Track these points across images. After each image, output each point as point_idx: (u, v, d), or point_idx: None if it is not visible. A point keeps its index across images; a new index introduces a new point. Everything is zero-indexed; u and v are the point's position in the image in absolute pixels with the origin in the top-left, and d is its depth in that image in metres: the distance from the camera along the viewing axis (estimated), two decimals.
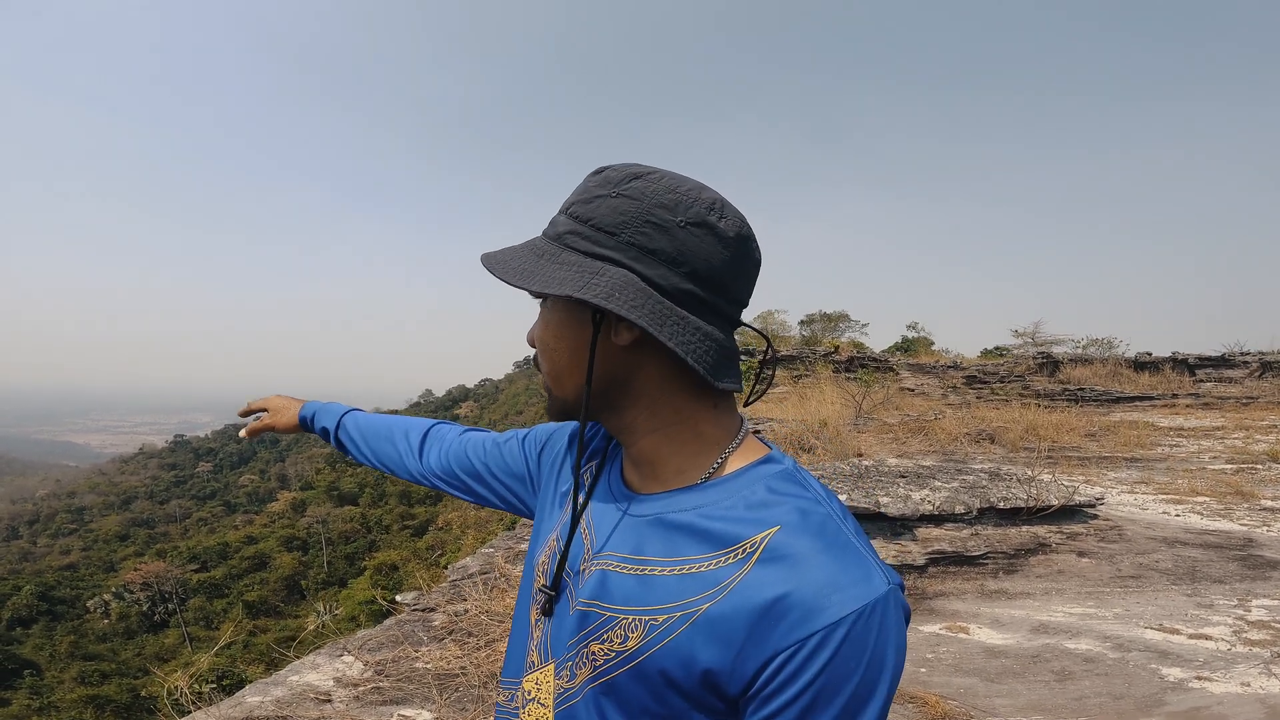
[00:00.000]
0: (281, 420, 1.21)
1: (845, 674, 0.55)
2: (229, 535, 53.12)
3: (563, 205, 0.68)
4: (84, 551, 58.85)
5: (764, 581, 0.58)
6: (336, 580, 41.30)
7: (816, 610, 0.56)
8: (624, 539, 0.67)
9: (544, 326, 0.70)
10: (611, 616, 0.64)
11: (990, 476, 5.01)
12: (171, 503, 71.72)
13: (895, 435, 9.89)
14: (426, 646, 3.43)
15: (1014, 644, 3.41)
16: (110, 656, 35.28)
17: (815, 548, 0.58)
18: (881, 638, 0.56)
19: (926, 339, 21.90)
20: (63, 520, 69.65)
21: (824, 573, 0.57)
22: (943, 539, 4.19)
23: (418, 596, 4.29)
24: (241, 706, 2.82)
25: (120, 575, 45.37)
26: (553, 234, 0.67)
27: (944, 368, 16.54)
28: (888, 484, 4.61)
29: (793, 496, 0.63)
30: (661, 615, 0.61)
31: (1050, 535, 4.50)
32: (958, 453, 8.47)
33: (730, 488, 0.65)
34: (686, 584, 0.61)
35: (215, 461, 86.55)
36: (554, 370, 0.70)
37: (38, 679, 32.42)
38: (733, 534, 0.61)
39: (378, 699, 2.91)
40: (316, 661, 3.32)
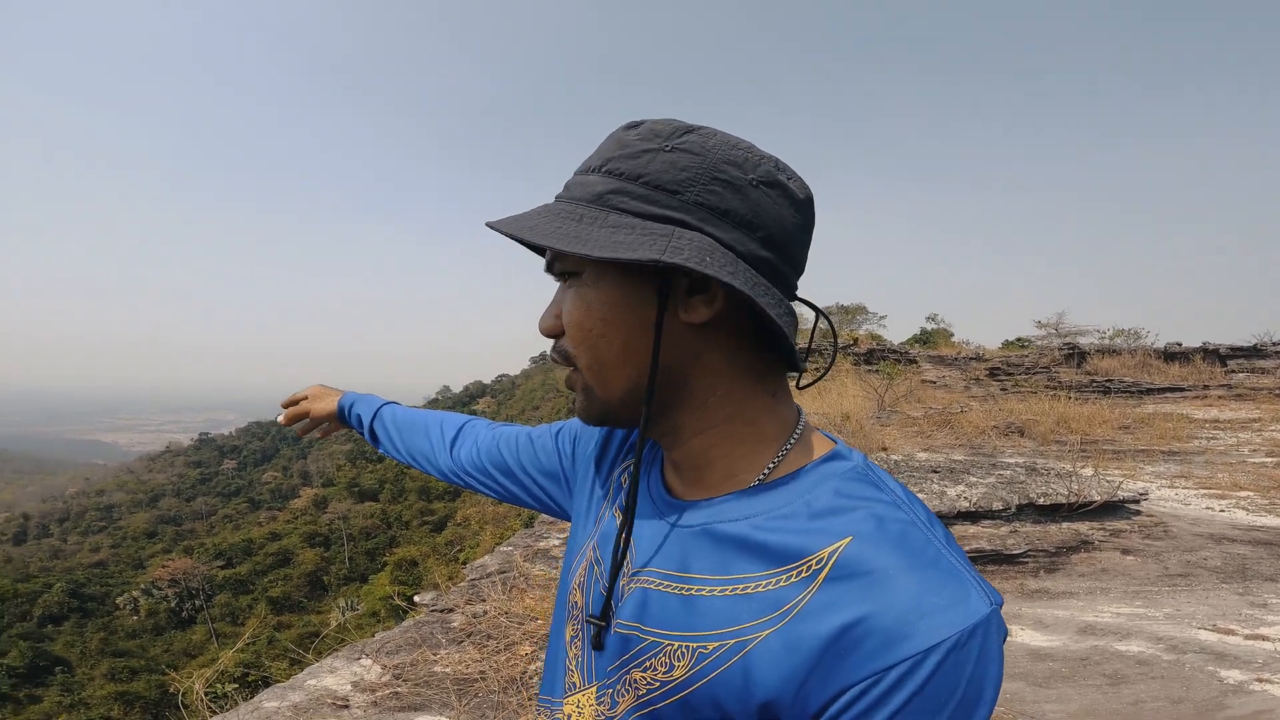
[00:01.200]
0: (319, 407, 1.16)
1: (931, 711, 0.44)
2: (253, 532, 54.00)
3: (588, 165, 0.56)
4: (113, 549, 60.14)
5: (835, 604, 0.47)
6: (358, 576, 41.85)
7: (900, 637, 0.45)
8: (667, 554, 0.57)
9: (584, 308, 0.55)
10: (655, 642, 0.54)
11: (1027, 471, 4.84)
12: (198, 500, 73.05)
13: (920, 429, 9.70)
14: (445, 649, 3.36)
15: (1060, 646, 3.26)
16: (139, 653, 35.93)
17: (898, 563, 0.48)
18: (980, 670, 0.45)
19: (946, 330, 21.58)
20: (92, 518, 71.19)
21: (909, 593, 0.46)
22: (980, 537, 4.04)
23: (436, 597, 4.22)
24: (259, 712, 2.77)
25: (149, 572, 46.31)
26: (585, 195, 0.54)
27: (966, 359, 16.25)
28: (920, 480, 4.46)
29: (867, 500, 0.52)
30: (712, 643, 0.51)
31: (1093, 532, 4.33)
32: (986, 446, 8.27)
33: (790, 491, 0.54)
34: (740, 607, 0.51)
35: (239, 459, 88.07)
36: (598, 362, 0.56)
37: (69, 676, 33.00)
38: (795, 547, 0.51)
39: (395, 704, 2.84)
40: (334, 665, 3.27)
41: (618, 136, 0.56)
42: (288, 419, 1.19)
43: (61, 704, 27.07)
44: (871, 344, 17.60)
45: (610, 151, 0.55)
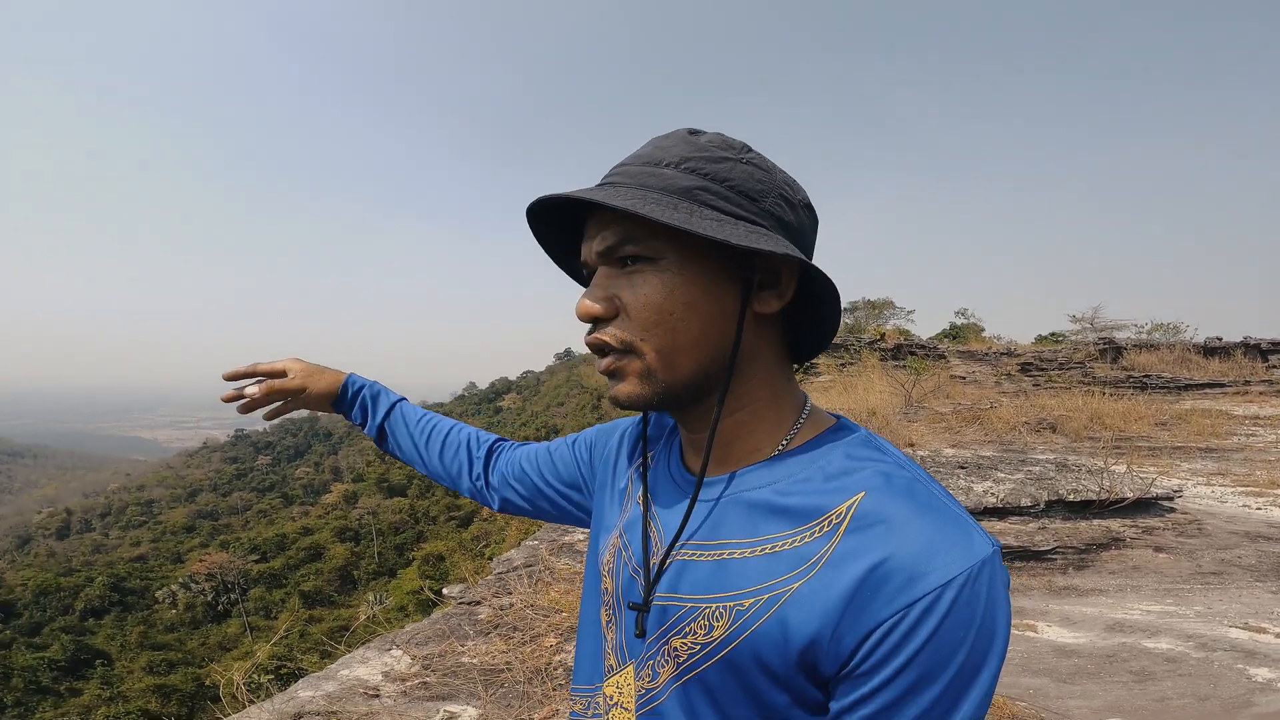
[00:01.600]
0: (317, 384, 1.02)
1: (954, 644, 0.50)
2: (286, 526, 54.84)
3: (658, 159, 0.59)
4: (153, 543, 61.37)
5: (858, 550, 0.53)
6: (386, 570, 42.33)
7: (919, 575, 0.51)
8: (696, 525, 0.63)
9: (666, 293, 0.58)
10: (692, 607, 0.59)
11: (1057, 468, 4.76)
12: (233, 495, 74.51)
13: (948, 424, 9.57)
14: (472, 641, 3.42)
15: (1087, 643, 3.22)
16: (177, 646, 36.47)
17: (908, 511, 0.54)
18: (991, 602, 0.51)
19: (976, 325, 21.19)
20: (133, 513, 72.98)
21: (922, 536, 0.52)
22: (1008, 533, 3.99)
23: (464, 589, 4.30)
24: (294, 701, 2.86)
25: (187, 566, 47.03)
26: (669, 187, 0.57)
27: (997, 354, 15.94)
28: (946, 475, 4.42)
29: (873, 461, 0.58)
30: (748, 600, 0.56)
31: (1124, 529, 4.25)
32: (1017, 442, 8.13)
33: (805, 459, 0.60)
34: (772, 564, 0.56)
35: (273, 455, 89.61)
36: (672, 346, 0.59)
37: (109, 669, 33.51)
38: (815, 506, 0.57)
39: (424, 694, 2.91)
40: (366, 655, 3.35)
41: (686, 139, 0.60)
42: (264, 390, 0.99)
43: (101, 697, 27.44)
44: (899, 339, 17.37)
45: (685, 151, 0.59)
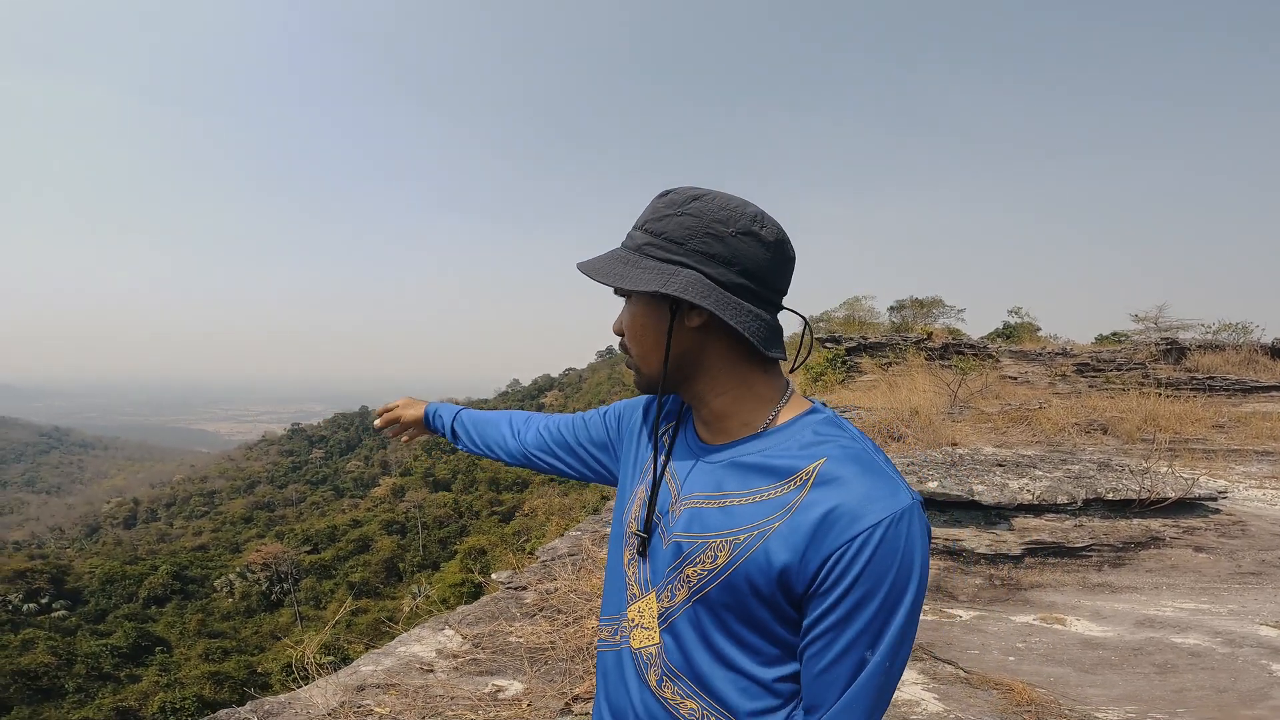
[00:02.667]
0: (409, 414, 1.42)
1: (884, 570, 0.72)
2: (337, 519, 56.08)
3: (637, 222, 0.87)
4: (214, 533, 63.31)
5: (819, 500, 0.75)
6: (430, 563, 42.83)
7: (859, 516, 0.72)
8: (705, 481, 0.86)
9: (631, 317, 0.88)
10: (703, 542, 0.81)
11: (1099, 467, 4.71)
12: (289, 487, 76.76)
13: (994, 425, 9.39)
14: (519, 622, 3.58)
15: (1114, 636, 3.23)
16: (232, 634, 37.33)
17: (855, 471, 0.76)
18: (909, 541, 0.73)
19: (1031, 324, 20.48)
20: (196, 503, 75.81)
21: (863, 489, 0.74)
22: (1042, 529, 3.98)
23: (511, 575, 4.47)
24: (357, 675, 3.05)
25: (244, 556, 48.21)
26: (632, 245, 0.85)
27: (1052, 354, 15.44)
28: (983, 472, 4.42)
29: (834, 436, 0.81)
30: (743, 534, 0.78)
31: (1164, 529, 4.19)
32: (1065, 443, 7.97)
33: (785, 434, 0.83)
34: (761, 508, 0.79)
35: (326, 448, 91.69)
36: (641, 352, 0.88)
37: (167, 656, 34.32)
38: (791, 466, 0.79)
39: (474, 670, 3.07)
40: (421, 634, 3.53)
41: (654, 202, 0.86)
42: (383, 423, 1.43)
43: (158, 683, 27.90)
44: (947, 338, 16.98)
45: (647, 214, 0.86)
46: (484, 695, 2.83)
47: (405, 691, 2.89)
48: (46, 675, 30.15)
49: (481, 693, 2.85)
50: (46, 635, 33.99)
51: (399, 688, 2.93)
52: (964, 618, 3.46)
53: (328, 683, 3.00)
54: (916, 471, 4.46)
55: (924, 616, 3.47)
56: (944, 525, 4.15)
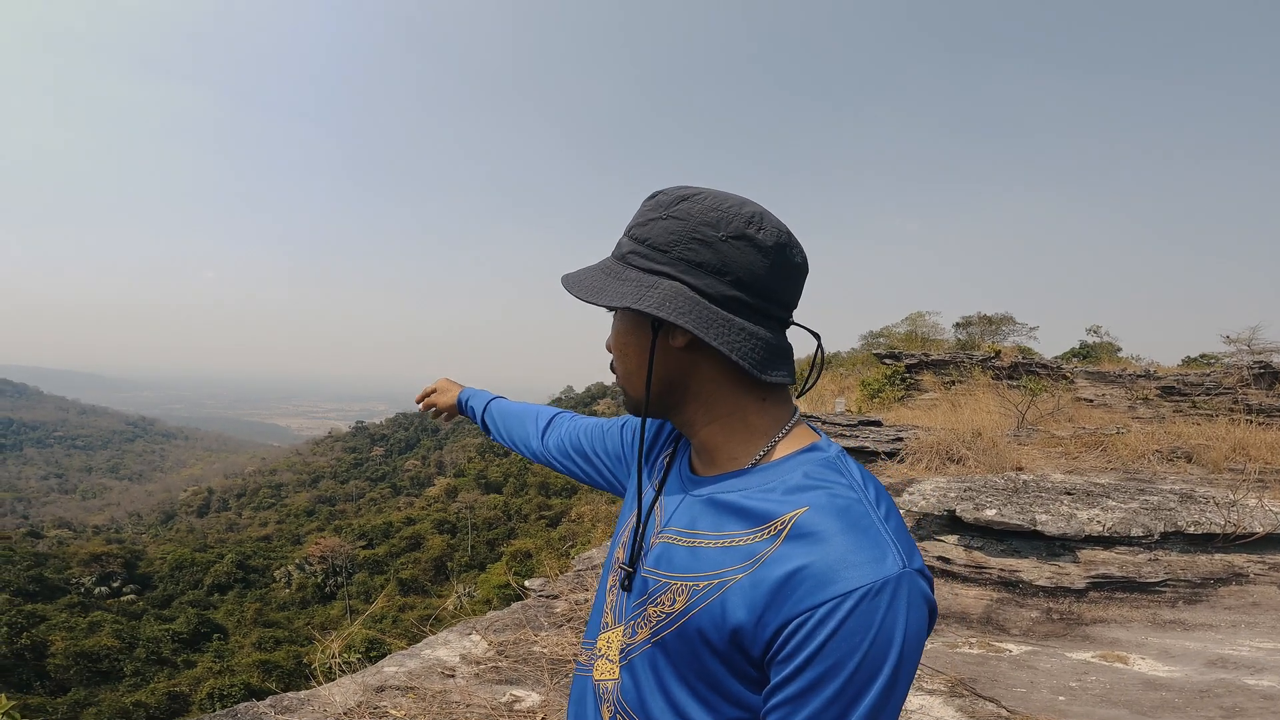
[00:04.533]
0: (444, 399, 1.43)
1: (850, 648, 0.59)
2: (392, 516, 57.61)
3: (626, 227, 0.77)
4: (278, 524, 66.11)
5: (789, 556, 0.64)
6: (477, 564, 43.40)
7: (827, 582, 0.60)
8: (683, 516, 0.76)
9: (614, 335, 0.80)
10: (665, 582, 0.73)
11: (1180, 498, 4.31)
12: (350, 483, 79.53)
13: (1065, 449, 8.84)
14: (545, 631, 3.53)
15: (1180, 677, 2.91)
16: (285, 624, 38.15)
17: (836, 528, 0.64)
18: (890, 617, 0.60)
19: (1111, 344, 19.37)
20: (264, 495, 79.38)
21: (839, 550, 0.62)
22: (1111, 562, 3.66)
23: (544, 584, 4.43)
24: (380, 675, 3.06)
25: (304, 548, 49.91)
26: (618, 254, 0.76)
27: (1133, 376, 14.51)
28: (1049, 501, 4.10)
29: (827, 483, 0.68)
30: (703, 582, 0.69)
31: (1249, 565, 3.80)
32: (1144, 471, 7.42)
33: (774, 472, 0.72)
34: (726, 555, 0.68)
35: (386, 446, 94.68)
36: (625, 372, 0.80)
37: (223, 643, 35.37)
38: (767, 512, 0.68)
39: (494, 678, 3.03)
40: (448, 638, 3.52)
41: (642, 205, 0.77)
42: (424, 405, 1.47)
43: (211, 670, 28.60)
44: (1017, 357, 16.21)
45: (634, 219, 0.76)
46: (500, 704, 2.78)
47: (423, 695, 2.88)
48: (108, 658, 31.30)
49: (498, 701, 2.80)
50: (113, 619, 35.56)
51: (417, 691, 2.92)
52: (1013, 652, 3.20)
53: (350, 681, 3.01)
54: (974, 498, 4.17)
55: (969, 650, 3.22)
56: (1001, 555, 3.86)
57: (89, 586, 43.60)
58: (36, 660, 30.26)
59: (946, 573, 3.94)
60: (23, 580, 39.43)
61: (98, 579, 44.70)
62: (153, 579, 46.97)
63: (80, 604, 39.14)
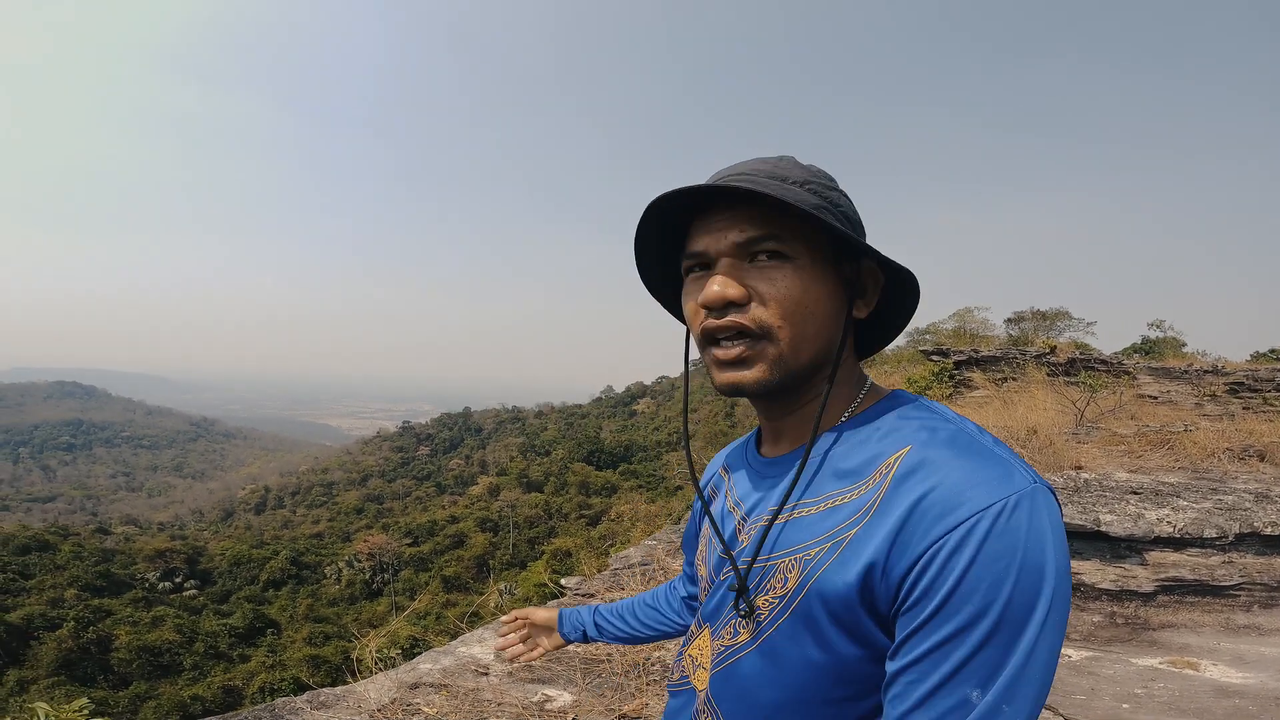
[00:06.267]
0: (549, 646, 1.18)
1: (995, 577, 0.51)
2: (437, 514, 58.74)
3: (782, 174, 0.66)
4: (330, 522, 68.01)
5: (902, 494, 0.58)
6: (518, 562, 43.77)
7: (954, 506, 0.54)
8: (771, 498, 0.71)
9: (802, 289, 0.65)
10: (771, 565, 0.66)
11: (1256, 498, 4.02)
12: (397, 482, 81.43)
13: (1129, 448, 8.41)
14: None
15: (1255, 684, 2.70)
16: (335, 620, 38.71)
17: (949, 455, 0.58)
18: (1034, 536, 0.52)
19: (1176, 339, 18.44)
20: (317, 493, 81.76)
21: (960, 473, 0.56)
22: (1182, 565, 3.42)
23: (580, 582, 4.39)
24: (415, 672, 3.07)
25: (353, 545, 51.05)
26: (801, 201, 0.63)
27: (1200, 372, 13.75)
28: (1114, 500, 3.86)
29: (920, 419, 0.64)
30: (814, 549, 0.62)
31: None
32: (1214, 471, 6.99)
33: (864, 424, 0.68)
34: (833, 516, 0.63)
35: (432, 446, 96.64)
36: (801, 335, 0.66)
37: (276, 638, 36.08)
38: (868, 462, 0.63)
39: (527, 677, 2.99)
40: (483, 636, 3.51)
41: (799, 163, 0.69)
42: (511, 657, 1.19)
43: (264, 664, 29.23)
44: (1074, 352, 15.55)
45: (804, 175, 0.67)
46: (531, 704, 2.74)
47: (456, 693, 2.86)
48: (169, 652, 32.32)
49: (529, 701, 2.76)
50: (175, 614, 36.78)
51: (450, 689, 2.90)
52: (1074, 658, 3.01)
53: (385, 678, 3.03)
54: None
55: None
56: None
57: (153, 582, 45.32)
58: (101, 654, 31.50)
59: None
60: (90, 575, 41.09)
61: (162, 574, 46.57)
62: (213, 574, 48.60)
63: (144, 599, 40.59)
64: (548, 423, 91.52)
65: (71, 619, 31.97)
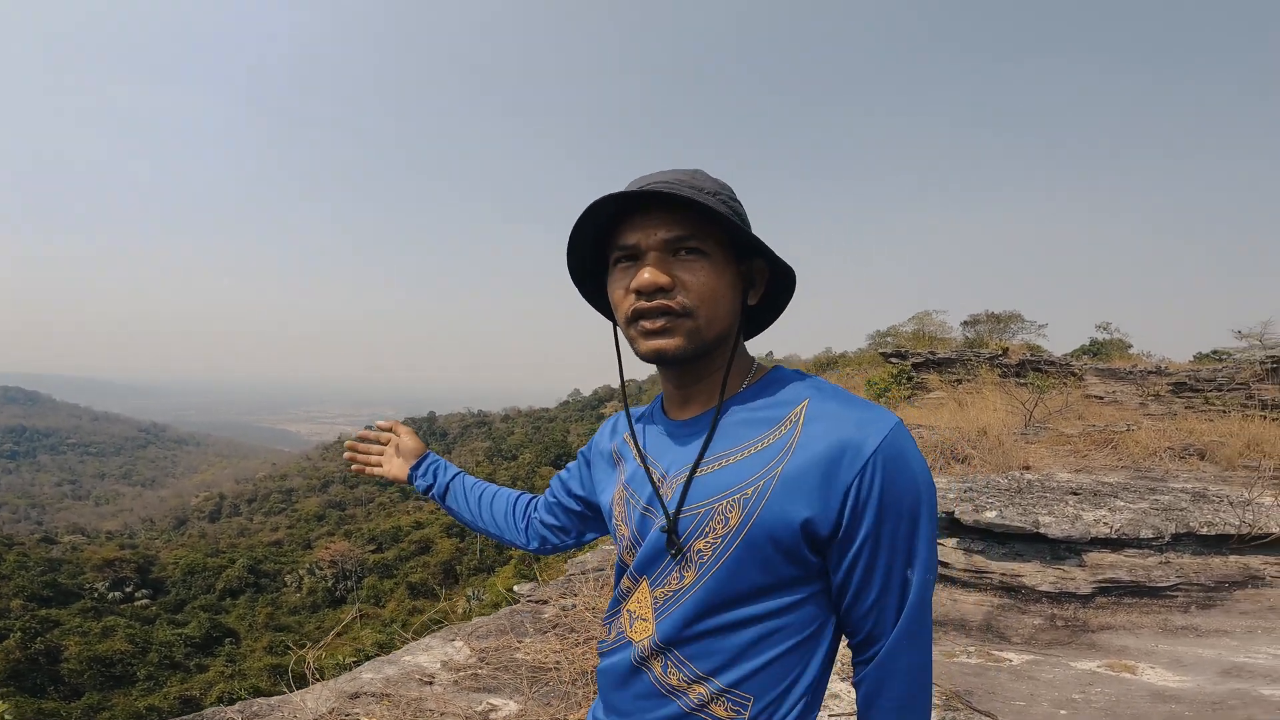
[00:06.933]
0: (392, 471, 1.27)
1: (900, 488, 0.72)
2: (401, 520, 57.84)
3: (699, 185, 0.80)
4: (289, 529, 66.33)
5: (815, 435, 0.75)
6: (486, 567, 43.40)
7: (861, 443, 0.73)
8: (688, 454, 0.84)
9: (716, 276, 0.81)
10: (708, 510, 0.78)
11: (1193, 498, 4.15)
12: (359, 488, 79.73)
13: (1074, 448, 8.67)
14: (530, 638, 3.43)
15: (1192, 688, 2.75)
16: (297, 628, 37.98)
17: (838, 404, 0.78)
18: (912, 454, 0.74)
19: (1121, 341, 19.12)
20: (275, 500, 79.67)
21: (854, 418, 0.75)
22: (1119, 566, 3.50)
23: (534, 588, 4.34)
24: (356, 681, 2.98)
25: (314, 553, 50.17)
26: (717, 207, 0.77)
27: (1144, 373, 14.25)
28: (1053, 501, 3.95)
29: (807, 381, 0.83)
30: (750, 488, 0.76)
31: (1265, 567, 3.63)
32: (1155, 470, 7.23)
33: (762, 390, 0.84)
34: (760, 458, 0.77)
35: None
36: (713, 314, 0.81)
37: (235, 647, 35.42)
38: (778, 414, 0.80)
39: (473, 685, 2.94)
40: (430, 644, 3.45)
41: (709, 177, 0.84)
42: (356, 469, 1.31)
43: (223, 674, 28.76)
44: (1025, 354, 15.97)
45: (715, 186, 0.82)
46: (476, 713, 2.70)
47: (398, 703, 2.80)
48: (121, 662, 31.48)
49: (474, 710, 2.71)
50: (126, 624, 35.63)
51: (392, 698, 2.84)
52: (1014, 662, 3.04)
53: (323, 688, 2.94)
54: (974, 499, 4.01)
55: (966, 659, 3.08)
56: (1002, 559, 3.70)
57: (102, 592, 43.85)
58: (51, 665, 30.44)
59: (945, 578, 3.80)
60: (37, 585, 39.55)
61: (111, 584, 44.97)
62: (166, 584, 47.19)
63: (94, 609, 39.24)
64: (514, 426, 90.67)
65: (18, 629, 30.81)
